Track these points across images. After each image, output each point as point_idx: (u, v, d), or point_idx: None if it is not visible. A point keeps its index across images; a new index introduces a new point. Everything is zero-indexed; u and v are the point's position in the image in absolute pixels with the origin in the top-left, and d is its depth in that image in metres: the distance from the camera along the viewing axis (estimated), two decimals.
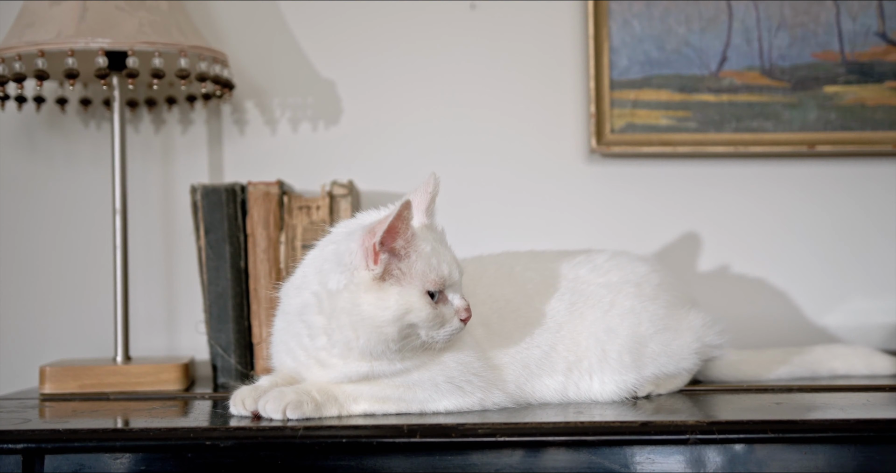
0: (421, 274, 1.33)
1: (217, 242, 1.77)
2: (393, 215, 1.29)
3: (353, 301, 1.32)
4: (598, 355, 1.48)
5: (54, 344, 1.97)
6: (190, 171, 2.00)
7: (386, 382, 1.37)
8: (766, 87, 1.98)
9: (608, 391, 1.49)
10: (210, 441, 1.26)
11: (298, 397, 1.33)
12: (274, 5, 2.01)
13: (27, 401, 1.60)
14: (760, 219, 2.02)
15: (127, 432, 1.27)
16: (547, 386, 1.47)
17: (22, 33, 1.70)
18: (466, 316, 1.36)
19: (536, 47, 2.02)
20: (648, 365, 1.51)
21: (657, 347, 1.52)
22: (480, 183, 2.01)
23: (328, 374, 1.37)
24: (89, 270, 1.97)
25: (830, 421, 1.28)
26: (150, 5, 1.73)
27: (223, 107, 2.01)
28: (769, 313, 2.01)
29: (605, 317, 1.51)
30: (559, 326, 1.50)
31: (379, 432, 1.27)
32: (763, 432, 1.26)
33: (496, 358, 1.44)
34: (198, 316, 1.90)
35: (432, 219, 1.43)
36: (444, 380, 1.37)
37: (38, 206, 2.00)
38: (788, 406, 1.43)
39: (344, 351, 1.34)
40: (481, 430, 1.27)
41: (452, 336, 1.36)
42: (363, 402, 1.37)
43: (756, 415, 1.36)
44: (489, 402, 1.41)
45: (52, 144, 2.01)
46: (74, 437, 1.27)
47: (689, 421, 1.28)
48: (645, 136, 1.97)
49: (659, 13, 1.98)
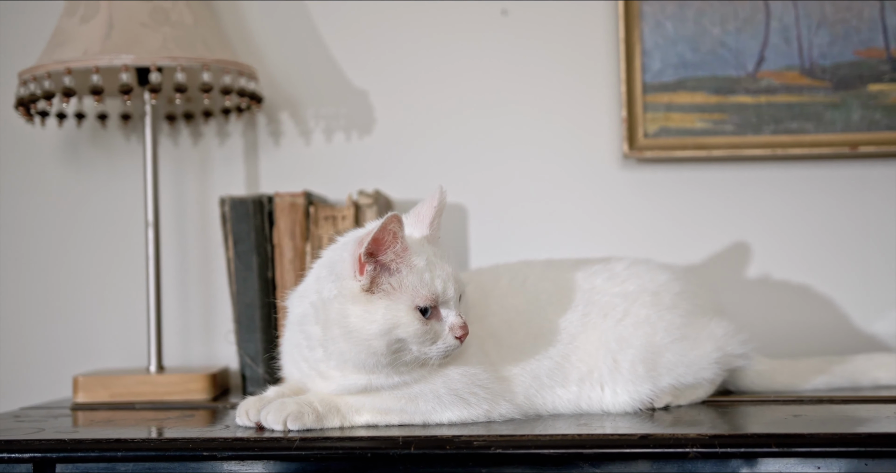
0: (411, 289, 1.31)
1: (245, 253, 1.80)
2: (377, 227, 1.28)
3: (343, 312, 1.31)
4: (610, 365, 1.46)
5: (96, 353, 2.02)
6: (227, 183, 2.03)
7: (388, 394, 1.36)
8: (807, 87, 1.92)
9: (621, 402, 1.46)
10: (207, 451, 1.27)
11: (299, 408, 1.33)
12: (307, 18, 2.03)
13: (55, 410, 1.65)
14: (802, 223, 1.95)
15: (128, 442, 1.29)
16: (559, 397, 1.45)
17: (53, 52, 1.75)
18: (462, 333, 1.33)
19: (568, 53, 1.99)
20: (664, 376, 1.47)
21: (673, 357, 1.48)
22: (512, 191, 2.00)
23: (329, 386, 1.37)
24: (132, 281, 2.02)
25: (840, 435, 1.23)
26: (176, 21, 1.76)
27: (259, 119, 2.04)
28: (814, 321, 1.94)
29: (618, 327, 1.48)
30: (572, 337, 1.47)
31: (374, 444, 1.27)
32: (766, 446, 1.22)
33: (505, 370, 1.43)
34: (230, 325, 1.93)
35: (437, 232, 1.41)
36: (447, 392, 1.36)
37: (80, 219, 2.05)
38: (808, 419, 1.37)
39: (340, 363, 1.34)
40: (477, 442, 1.25)
41: (448, 353, 1.34)
42: (366, 413, 1.36)
43: (771, 428, 1.32)
44: (496, 414, 1.39)
45: (95, 159, 2.06)
46: (79, 447, 1.29)
47: (690, 434, 1.24)
48: (679, 140, 1.92)
49: (693, 14, 1.93)
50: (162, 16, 1.75)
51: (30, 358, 2.03)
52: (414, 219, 1.41)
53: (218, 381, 1.79)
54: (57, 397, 1.91)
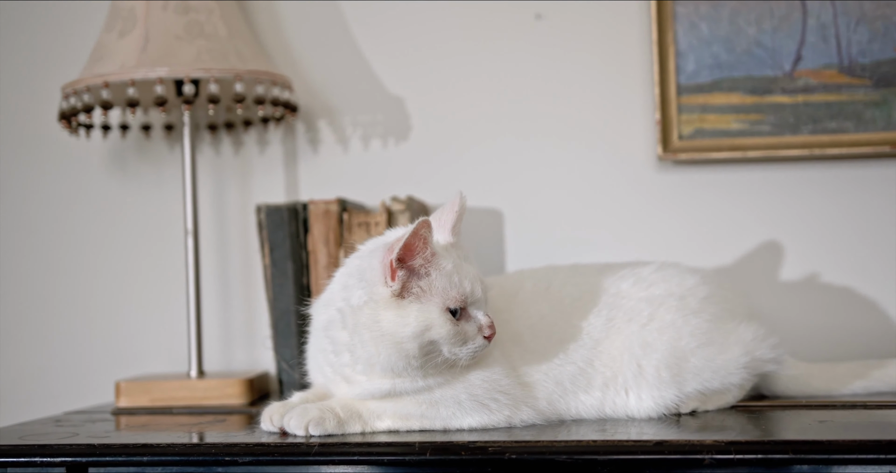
0: (441, 292, 1.34)
1: (280, 260, 1.83)
2: (409, 233, 1.30)
3: (374, 317, 1.34)
4: (634, 370, 1.45)
5: (141, 358, 2.07)
6: (267, 190, 2.07)
7: (409, 399, 1.38)
8: (846, 86, 1.88)
9: (645, 407, 1.45)
10: (230, 456, 1.30)
11: (321, 414, 1.35)
12: (344, 27, 2.05)
13: (95, 415, 1.69)
14: (842, 224, 1.92)
15: (153, 447, 1.32)
16: (583, 402, 1.45)
17: (93, 67, 1.80)
18: (490, 332, 1.36)
19: (602, 56, 1.98)
20: (690, 381, 1.46)
21: (700, 362, 1.47)
22: (547, 195, 2.00)
23: (353, 390, 1.39)
24: (176, 288, 2.06)
25: (859, 442, 1.21)
26: (210, 33, 1.80)
27: (297, 127, 2.07)
28: (857, 324, 1.90)
29: (642, 332, 1.48)
30: (596, 341, 1.47)
31: (391, 449, 1.28)
32: (783, 452, 1.20)
33: (527, 376, 1.43)
34: (268, 331, 1.96)
35: (458, 237, 1.43)
36: (468, 398, 1.37)
37: (126, 227, 2.10)
38: (834, 424, 1.35)
39: (366, 367, 1.36)
40: (492, 448, 1.26)
41: (477, 353, 1.36)
42: (387, 419, 1.38)
43: (793, 434, 1.30)
44: (517, 419, 1.40)
45: (141, 168, 2.11)
46: (107, 452, 1.33)
47: (706, 441, 1.23)
48: (714, 142, 1.90)
49: (727, 14, 1.91)
50: (196, 29, 1.79)
51: (76, 363, 2.10)
52: (435, 223, 1.43)
53: (255, 386, 1.82)
54: (101, 401, 1.97)
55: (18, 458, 1.33)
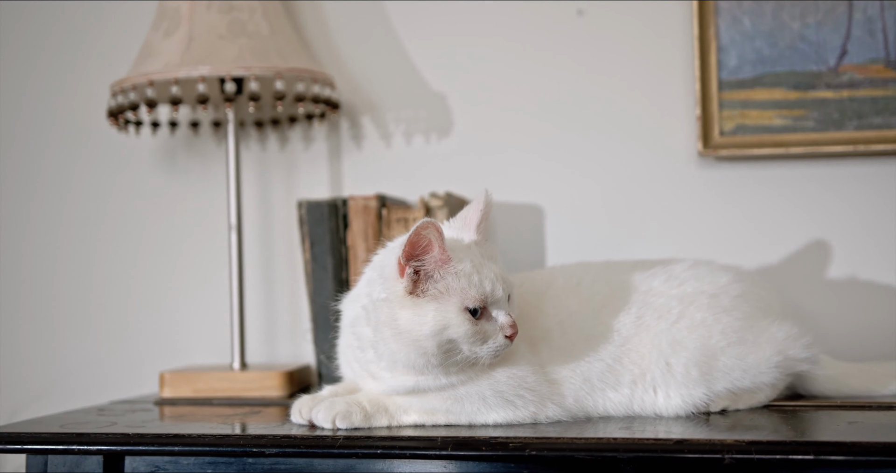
0: (459, 291, 1.34)
1: (321, 255, 1.85)
2: (412, 232, 1.31)
3: (392, 315, 1.35)
4: (662, 368, 1.44)
5: (186, 350, 2.13)
6: (312, 186, 2.10)
7: (434, 394, 1.39)
8: (892, 81, 1.85)
9: (673, 405, 1.44)
10: (257, 448, 1.33)
11: (348, 407, 1.38)
12: (387, 25, 2.07)
13: (138, 405, 1.74)
14: (888, 221, 1.88)
15: (185, 437, 1.35)
16: (611, 399, 1.45)
17: (139, 65, 1.85)
18: (511, 332, 1.36)
19: (643, 51, 1.97)
20: (720, 380, 1.45)
21: (730, 361, 1.46)
22: (588, 191, 1.99)
23: (379, 386, 1.41)
24: (222, 281, 2.10)
25: (882, 444, 1.19)
26: (252, 32, 1.83)
27: (341, 123, 2.10)
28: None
29: (672, 329, 1.47)
30: (625, 339, 1.47)
31: (414, 443, 1.30)
32: (805, 453, 1.19)
33: (555, 372, 1.43)
34: (309, 325, 1.99)
35: (484, 235, 1.43)
36: (493, 394, 1.38)
37: (175, 221, 2.16)
38: (863, 426, 1.33)
39: (389, 364, 1.38)
40: (512, 444, 1.27)
41: (498, 352, 1.36)
42: (413, 413, 1.40)
43: (818, 435, 1.29)
44: (542, 416, 1.40)
45: (189, 164, 2.16)
46: (141, 442, 1.37)
47: (727, 440, 1.23)
48: (756, 138, 1.88)
49: (771, 8, 1.89)
50: (239, 28, 1.83)
51: (124, 354, 2.16)
52: (461, 222, 1.44)
53: (295, 378, 1.85)
54: (146, 392, 2.02)
55: (57, 446, 1.38)
